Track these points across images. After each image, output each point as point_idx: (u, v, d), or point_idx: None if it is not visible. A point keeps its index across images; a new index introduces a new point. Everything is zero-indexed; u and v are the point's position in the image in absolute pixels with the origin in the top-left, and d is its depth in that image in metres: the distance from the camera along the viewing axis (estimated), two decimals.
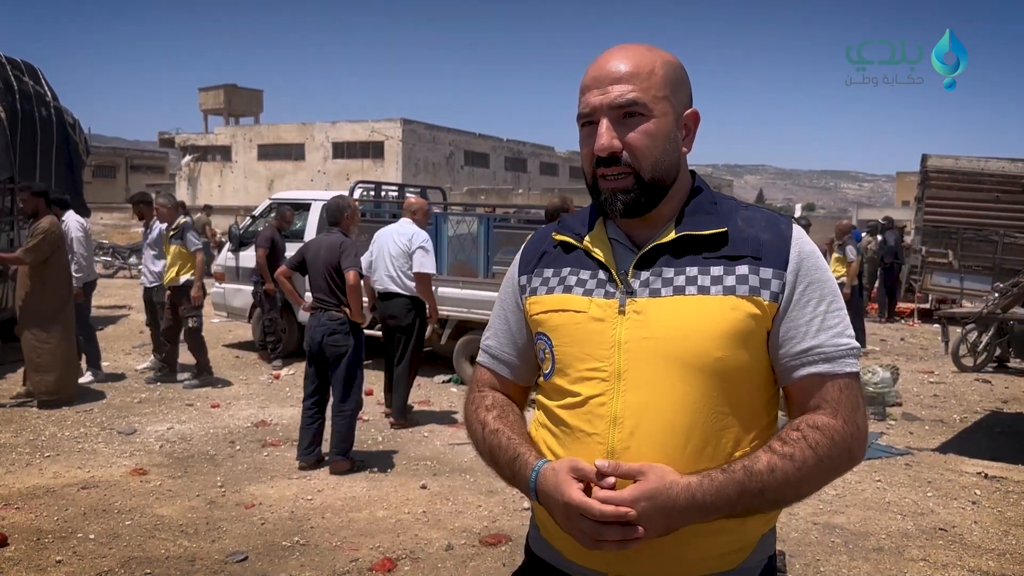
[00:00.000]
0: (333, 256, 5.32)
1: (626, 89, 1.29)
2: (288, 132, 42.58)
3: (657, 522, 1.20)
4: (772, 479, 1.23)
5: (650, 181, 1.31)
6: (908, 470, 5.54)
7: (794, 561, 3.98)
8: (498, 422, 1.44)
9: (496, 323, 1.55)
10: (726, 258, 1.31)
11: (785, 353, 1.31)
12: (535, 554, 1.48)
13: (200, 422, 6.41)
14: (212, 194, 41.02)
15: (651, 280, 1.32)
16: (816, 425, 1.27)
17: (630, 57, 1.32)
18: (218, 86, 50.27)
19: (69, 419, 6.33)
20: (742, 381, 1.30)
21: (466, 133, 44.76)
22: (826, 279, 1.34)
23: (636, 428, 1.28)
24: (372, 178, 34.13)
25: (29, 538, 4.05)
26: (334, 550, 4.03)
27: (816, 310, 1.31)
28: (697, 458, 1.27)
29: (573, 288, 1.37)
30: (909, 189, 39.17)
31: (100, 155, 48.92)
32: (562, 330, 1.36)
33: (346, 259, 5.32)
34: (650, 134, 1.30)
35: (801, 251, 1.33)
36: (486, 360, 1.56)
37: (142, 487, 4.88)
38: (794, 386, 1.33)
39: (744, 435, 1.31)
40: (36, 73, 10.18)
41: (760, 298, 1.29)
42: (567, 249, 1.43)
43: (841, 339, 1.31)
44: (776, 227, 1.34)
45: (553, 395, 1.39)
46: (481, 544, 4.13)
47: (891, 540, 4.30)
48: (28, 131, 9.30)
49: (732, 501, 1.22)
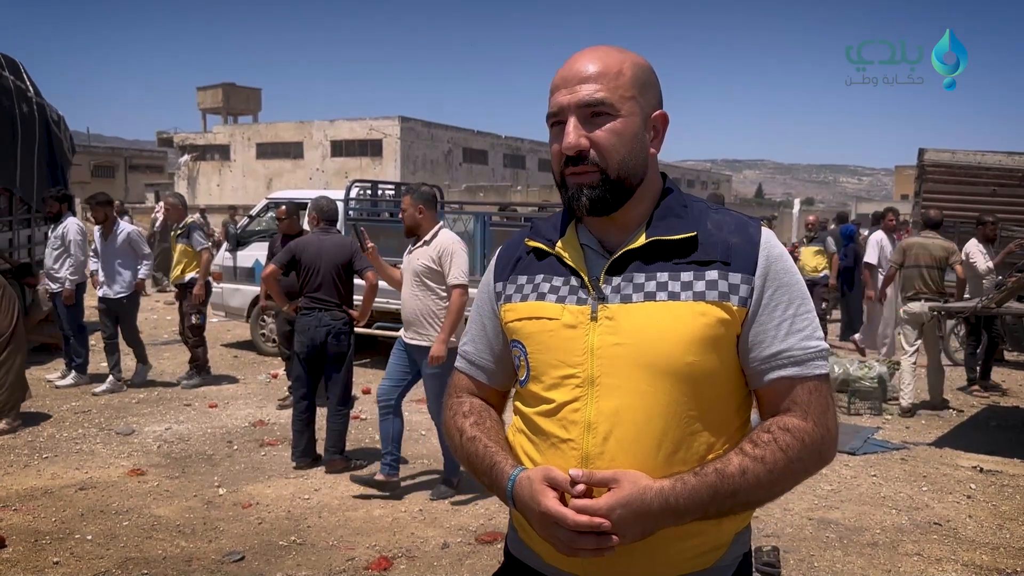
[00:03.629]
0: (342, 256, 5.32)
1: (593, 88, 1.30)
2: (286, 131, 42.59)
3: (633, 528, 1.22)
4: (744, 481, 1.25)
5: (616, 179, 1.32)
6: (903, 465, 5.56)
7: (788, 556, 3.99)
8: (475, 429, 1.45)
9: (473, 329, 1.56)
10: (696, 263, 1.32)
11: (755, 357, 1.33)
12: (514, 556, 1.49)
13: (198, 422, 6.43)
14: (211, 193, 41.06)
15: (622, 286, 1.33)
16: (787, 427, 1.29)
17: (599, 58, 1.33)
18: (216, 85, 50.28)
19: (67, 420, 6.35)
20: (713, 385, 1.32)
21: (464, 130, 44.77)
22: (794, 282, 1.35)
23: (610, 433, 1.29)
24: (371, 176, 34.11)
25: (27, 539, 4.07)
26: (331, 549, 4.05)
27: (785, 314, 1.32)
28: (670, 462, 1.28)
29: (546, 295, 1.38)
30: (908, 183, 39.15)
31: (99, 155, 48.92)
32: (536, 337, 1.37)
33: (363, 260, 5.32)
34: (617, 133, 1.31)
35: (769, 255, 1.34)
36: (463, 366, 1.57)
37: (140, 487, 4.89)
38: (765, 389, 1.34)
39: (716, 439, 1.32)
40: (17, 67, 9.74)
41: (729, 303, 1.30)
42: (540, 255, 1.43)
43: (810, 342, 1.33)
44: (745, 231, 1.35)
45: (529, 401, 1.40)
46: (477, 542, 4.15)
47: (885, 535, 4.32)
48: (6, 128, 8.97)
49: (705, 504, 1.24)
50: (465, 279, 4.61)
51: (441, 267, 4.58)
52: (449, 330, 4.55)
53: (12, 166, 9.13)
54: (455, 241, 4.66)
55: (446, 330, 4.55)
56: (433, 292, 4.60)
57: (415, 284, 4.64)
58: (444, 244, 4.61)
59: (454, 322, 4.56)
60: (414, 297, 4.64)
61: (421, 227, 4.68)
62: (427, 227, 4.70)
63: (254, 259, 9.06)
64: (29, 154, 9.53)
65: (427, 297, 4.62)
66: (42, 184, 9.51)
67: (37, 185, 9.52)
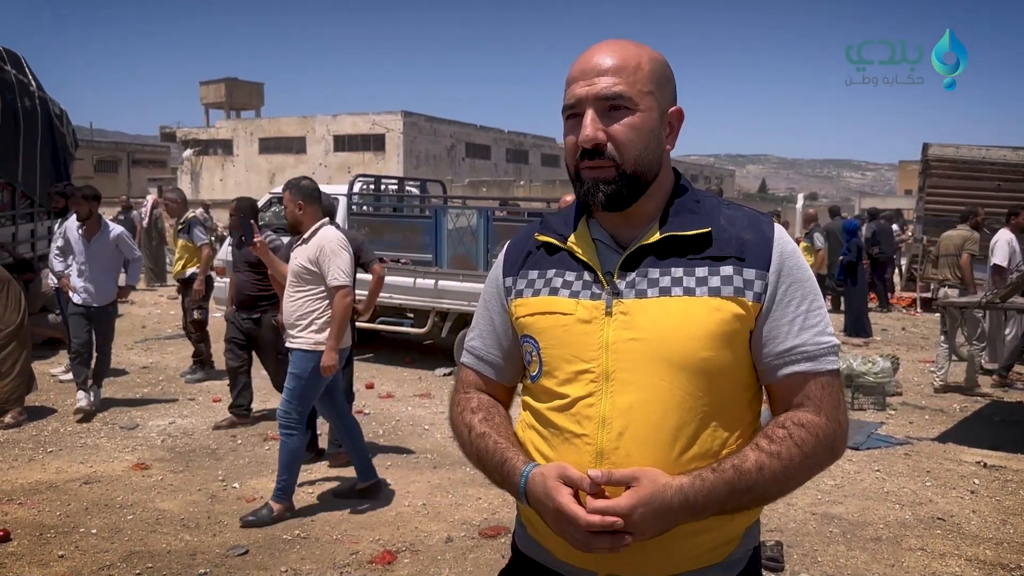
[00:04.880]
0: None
1: (612, 82, 1.30)
2: (289, 125, 42.57)
3: (653, 526, 1.22)
4: (760, 477, 1.25)
5: (632, 174, 1.31)
6: (907, 460, 5.55)
7: (792, 551, 4.00)
8: (484, 425, 1.44)
9: (480, 323, 1.55)
10: (710, 259, 1.32)
11: (768, 352, 1.33)
12: (523, 552, 1.48)
13: (202, 416, 6.45)
14: (214, 188, 41.08)
15: (637, 281, 1.32)
16: (801, 423, 1.29)
17: (617, 51, 1.32)
18: (219, 79, 50.27)
19: (72, 414, 6.35)
20: (727, 381, 1.32)
21: (467, 125, 44.71)
22: (807, 278, 1.35)
23: (625, 429, 1.28)
24: (373, 171, 34.13)
25: (32, 533, 4.08)
26: (334, 543, 4.06)
27: (798, 310, 1.33)
28: (684, 458, 1.28)
29: (559, 290, 1.37)
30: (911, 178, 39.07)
31: (102, 150, 48.91)
32: (549, 332, 1.36)
33: (368, 254, 5.31)
34: (634, 127, 1.30)
35: (783, 251, 1.34)
36: (471, 361, 1.55)
37: (144, 481, 4.91)
38: (777, 385, 1.34)
39: (730, 434, 1.32)
40: (19, 61, 9.62)
41: (744, 299, 1.30)
42: (551, 250, 1.42)
43: (823, 337, 1.33)
44: (758, 227, 1.35)
45: (541, 397, 1.39)
46: (481, 536, 4.16)
47: (889, 530, 4.32)
48: (9, 122, 8.90)
49: (722, 500, 1.24)
50: (346, 279, 4.28)
51: (319, 267, 4.24)
52: (336, 336, 4.24)
53: (15, 161, 9.09)
54: (335, 239, 4.30)
55: (333, 336, 4.22)
56: (308, 294, 4.27)
57: (291, 284, 4.34)
58: (322, 243, 4.26)
59: (340, 327, 4.25)
60: (289, 297, 4.34)
61: (303, 224, 4.36)
62: (308, 224, 4.36)
63: None
64: (32, 149, 9.47)
65: (302, 298, 4.29)
66: (45, 179, 9.48)
67: (40, 180, 9.50)
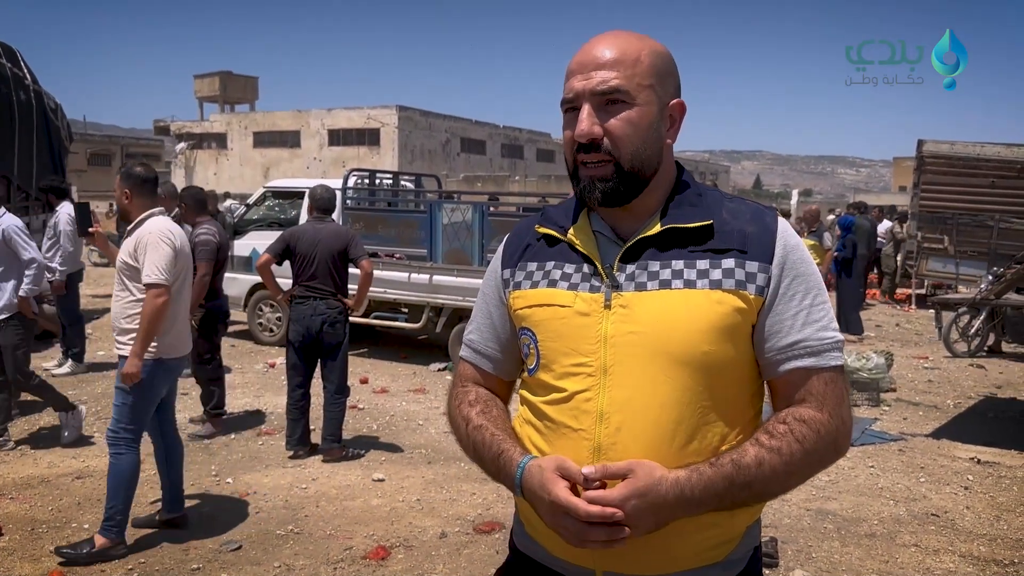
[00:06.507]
0: (339, 244, 5.28)
1: (609, 76, 1.27)
2: (283, 119, 42.46)
3: (647, 519, 1.20)
4: (760, 473, 1.23)
5: (629, 170, 1.30)
6: (901, 456, 5.56)
7: (786, 547, 4.00)
8: (481, 418, 1.42)
9: (479, 317, 1.53)
10: (712, 251, 1.30)
11: (771, 347, 1.31)
12: (520, 550, 1.47)
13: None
14: (208, 182, 40.88)
15: (637, 274, 1.31)
16: (803, 419, 1.27)
17: (617, 44, 1.30)
18: (213, 73, 50.03)
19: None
20: (728, 375, 1.30)
21: (462, 120, 44.65)
22: (810, 272, 1.33)
23: (623, 424, 1.27)
24: (368, 165, 34.05)
25: (24, 528, 4.06)
26: (328, 538, 4.05)
27: (801, 304, 1.30)
28: (683, 452, 1.26)
29: (558, 282, 1.36)
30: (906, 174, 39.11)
31: (95, 143, 48.74)
32: (547, 325, 1.35)
33: (358, 249, 5.30)
34: (632, 122, 1.28)
35: (787, 245, 1.32)
36: (469, 355, 1.54)
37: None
38: (780, 380, 1.32)
39: (730, 429, 1.30)
40: (14, 55, 9.61)
41: (746, 292, 1.28)
42: (551, 242, 1.41)
43: (826, 332, 1.31)
44: (762, 220, 1.33)
45: (538, 391, 1.37)
46: (475, 532, 4.15)
47: (883, 526, 4.32)
48: (4, 116, 8.87)
49: (720, 495, 1.22)
50: (162, 277, 3.66)
51: (137, 262, 3.71)
52: (142, 342, 3.62)
53: (10, 154, 9.08)
54: (156, 231, 3.73)
55: (139, 341, 3.62)
56: (129, 292, 3.75)
57: (116, 283, 3.83)
58: (141, 235, 3.73)
59: (147, 331, 3.63)
60: (114, 296, 3.84)
61: (130, 214, 3.86)
62: (135, 214, 3.84)
63: (251, 248, 9.04)
64: (27, 142, 9.46)
65: (127, 299, 3.76)
66: (41, 172, 9.46)
67: (36, 173, 9.47)
